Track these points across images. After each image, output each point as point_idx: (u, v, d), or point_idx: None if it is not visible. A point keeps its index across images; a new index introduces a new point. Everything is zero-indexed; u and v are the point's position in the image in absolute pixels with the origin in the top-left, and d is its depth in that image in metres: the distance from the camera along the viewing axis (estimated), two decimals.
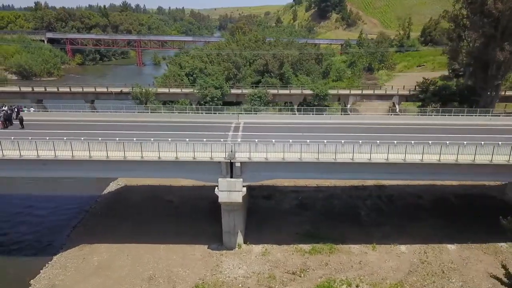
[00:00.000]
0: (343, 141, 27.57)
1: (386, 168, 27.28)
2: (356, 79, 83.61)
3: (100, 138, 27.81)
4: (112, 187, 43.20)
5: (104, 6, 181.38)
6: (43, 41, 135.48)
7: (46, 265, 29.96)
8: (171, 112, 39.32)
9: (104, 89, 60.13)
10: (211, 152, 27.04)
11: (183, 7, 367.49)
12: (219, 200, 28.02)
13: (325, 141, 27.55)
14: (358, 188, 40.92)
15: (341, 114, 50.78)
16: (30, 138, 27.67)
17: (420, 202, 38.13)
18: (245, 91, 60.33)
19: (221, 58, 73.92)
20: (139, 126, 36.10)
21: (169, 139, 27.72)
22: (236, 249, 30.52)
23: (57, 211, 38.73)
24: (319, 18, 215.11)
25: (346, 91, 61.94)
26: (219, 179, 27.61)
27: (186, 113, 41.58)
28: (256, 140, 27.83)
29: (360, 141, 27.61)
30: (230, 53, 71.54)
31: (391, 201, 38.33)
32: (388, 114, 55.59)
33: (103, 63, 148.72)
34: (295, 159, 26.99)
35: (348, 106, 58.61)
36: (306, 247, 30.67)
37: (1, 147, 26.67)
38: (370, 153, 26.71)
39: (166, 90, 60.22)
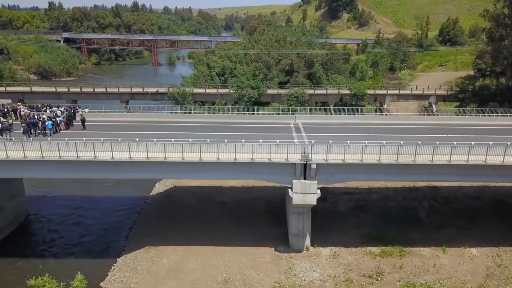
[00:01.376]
0: (419, 142, 27.17)
1: (465, 169, 26.82)
2: (381, 79, 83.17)
3: (173, 139, 27.46)
4: (159, 188, 42.92)
5: (116, 6, 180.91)
6: (59, 41, 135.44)
7: (112, 267, 29.65)
8: (230, 114, 38.88)
9: (140, 89, 59.79)
10: (287, 153, 26.65)
11: (190, 7, 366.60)
12: (293, 202, 27.63)
13: (402, 142, 27.15)
14: (411, 189, 40.47)
15: (384, 114, 50.29)
16: (102, 139, 27.35)
17: (478, 204, 37.66)
18: (281, 91, 59.94)
19: (250, 58, 73.52)
20: (199, 127, 35.70)
21: (243, 141, 27.33)
22: (304, 251, 30.15)
23: (108, 213, 38.46)
24: (330, 17, 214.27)
25: (383, 91, 61.49)
26: (294, 181, 27.22)
27: (244, 114, 41.20)
28: (331, 141, 27.42)
29: (437, 142, 27.20)
30: (259, 52, 71.12)
31: (448, 203, 37.86)
32: (423, 115, 55.04)
33: (118, 63, 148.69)
34: (372, 160, 26.58)
35: (385, 106, 58.15)
36: (375, 249, 30.27)
37: (76, 149, 26.33)
38: (450, 155, 26.26)
39: (202, 90, 59.88)
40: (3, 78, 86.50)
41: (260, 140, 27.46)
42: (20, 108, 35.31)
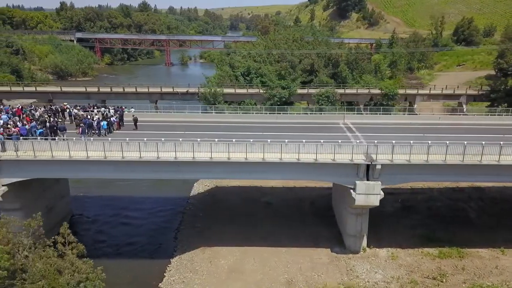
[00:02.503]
0: (483, 142, 26.89)
1: None
2: (401, 79, 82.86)
3: (234, 140, 27.23)
4: (199, 188, 42.75)
5: (126, 6, 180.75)
6: (72, 41, 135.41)
7: (167, 268, 29.49)
8: (278, 114, 38.66)
9: (170, 89, 59.62)
10: (352, 154, 26.41)
11: (195, 7, 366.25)
12: (356, 203, 27.38)
13: (466, 142, 26.88)
14: (454, 190, 40.20)
15: (418, 114, 49.97)
16: (163, 139, 27.17)
17: None
18: (311, 90, 59.71)
19: (273, 58, 73.28)
20: (246, 128, 35.41)
21: (304, 141, 27.12)
22: (361, 252, 29.92)
23: (153, 213, 38.32)
24: (339, 17, 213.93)
25: (413, 91, 61.24)
26: (357, 182, 26.97)
27: (291, 114, 41.02)
28: (394, 141, 27.17)
29: (502, 142, 26.92)
30: (284, 52, 70.89)
31: (495, 203, 37.56)
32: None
33: (130, 63, 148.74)
34: (438, 161, 26.33)
35: (415, 106, 57.90)
36: (432, 251, 30.03)
37: (140, 149, 26.15)
38: None
39: (232, 90, 59.67)
40: (23, 78, 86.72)
41: (322, 140, 27.23)
42: (68, 108, 35.12)
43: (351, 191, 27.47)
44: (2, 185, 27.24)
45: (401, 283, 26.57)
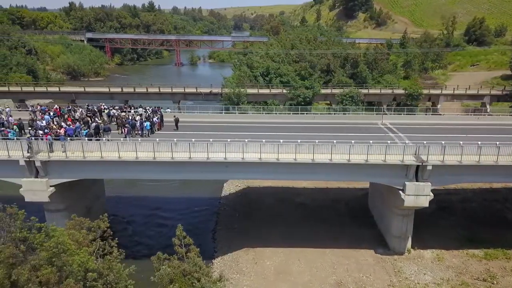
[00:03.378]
0: None
1: None
2: (417, 79, 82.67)
3: (281, 141, 27.12)
4: (230, 188, 42.64)
5: (134, 6, 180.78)
6: (83, 41, 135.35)
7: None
8: (315, 114, 38.68)
9: (193, 90, 59.46)
10: (403, 155, 26.27)
11: (199, 7, 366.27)
12: (405, 204, 27.22)
13: None
14: (488, 190, 40.04)
15: (442, 114, 49.77)
16: (211, 140, 27.05)
17: None
18: (334, 90, 59.55)
19: (291, 57, 73.14)
20: (280, 128, 35.33)
21: (352, 141, 26.98)
22: (406, 254, 29.78)
23: (187, 214, 38.20)
24: (346, 17, 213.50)
25: (437, 91, 61.08)
26: (406, 183, 26.82)
27: (328, 114, 40.98)
28: (443, 142, 27.03)
29: None
30: (302, 52, 70.76)
31: None
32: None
33: (140, 63, 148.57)
34: (489, 162, 26.17)
35: (439, 106, 57.73)
36: (477, 252, 29.88)
37: (190, 150, 26.04)
38: None
39: (254, 90, 59.53)
40: (39, 78, 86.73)
41: (371, 141, 27.10)
42: (107, 108, 35.00)
43: (400, 192, 27.31)
44: (50, 186, 27.17)
45: (452, 285, 26.41)
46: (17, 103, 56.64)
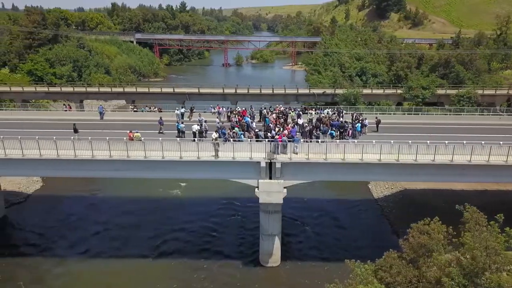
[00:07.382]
0: None
1: None
2: (499, 78, 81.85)
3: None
4: (383, 190, 42.53)
5: (172, 7, 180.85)
6: (132, 42, 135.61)
7: None
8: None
9: (306, 91, 59.36)
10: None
11: (220, 7, 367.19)
12: None
13: None
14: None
15: None
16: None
17: None
18: (449, 91, 59.15)
19: (378, 58, 72.88)
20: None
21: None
22: None
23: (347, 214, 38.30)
24: (378, 17, 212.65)
25: None
26: None
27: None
28: None
29: None
30: (396, 53, 70.50)
31: None
32: None
33: (186, 63, 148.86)
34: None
35: None
36: None
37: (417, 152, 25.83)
38: None
39: (368, 91, 59.35)
40: (112, 79, 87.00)
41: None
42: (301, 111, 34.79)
43: None
44: (284, 188, 26.95)
45: None
46: (130, 103, 56.57)
